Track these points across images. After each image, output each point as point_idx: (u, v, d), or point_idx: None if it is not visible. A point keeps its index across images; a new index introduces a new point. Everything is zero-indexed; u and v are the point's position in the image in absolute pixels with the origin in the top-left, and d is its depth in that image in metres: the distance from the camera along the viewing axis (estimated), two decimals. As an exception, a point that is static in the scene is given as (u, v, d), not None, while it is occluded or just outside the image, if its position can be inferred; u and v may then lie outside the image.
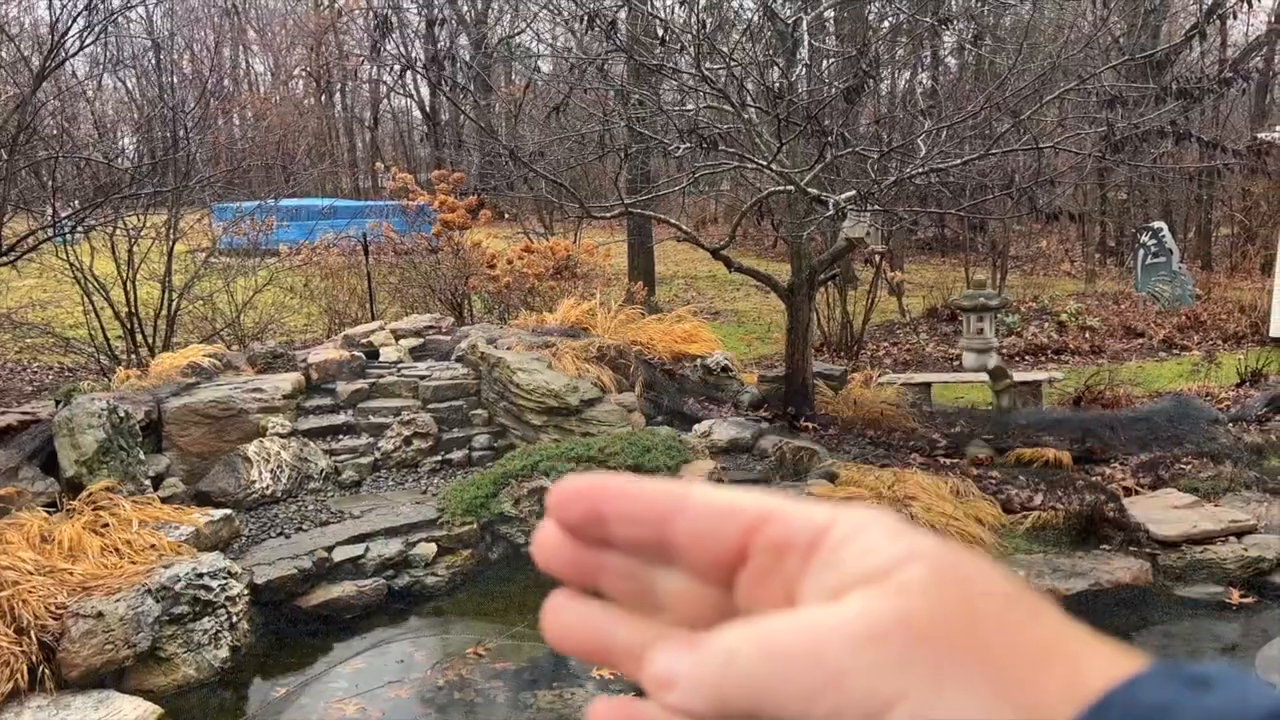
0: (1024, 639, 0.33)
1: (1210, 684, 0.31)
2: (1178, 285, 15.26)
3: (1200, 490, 7.05)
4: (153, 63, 24.05)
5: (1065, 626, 0.34)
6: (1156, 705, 0.31)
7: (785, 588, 0.34)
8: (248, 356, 8.50)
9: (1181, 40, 6.46)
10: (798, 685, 0.32)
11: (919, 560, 0.33)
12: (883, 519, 0.34)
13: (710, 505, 0.36)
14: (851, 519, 0.34)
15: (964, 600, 0.33)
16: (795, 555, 0.34)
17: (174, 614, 5.06)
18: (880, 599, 0.33)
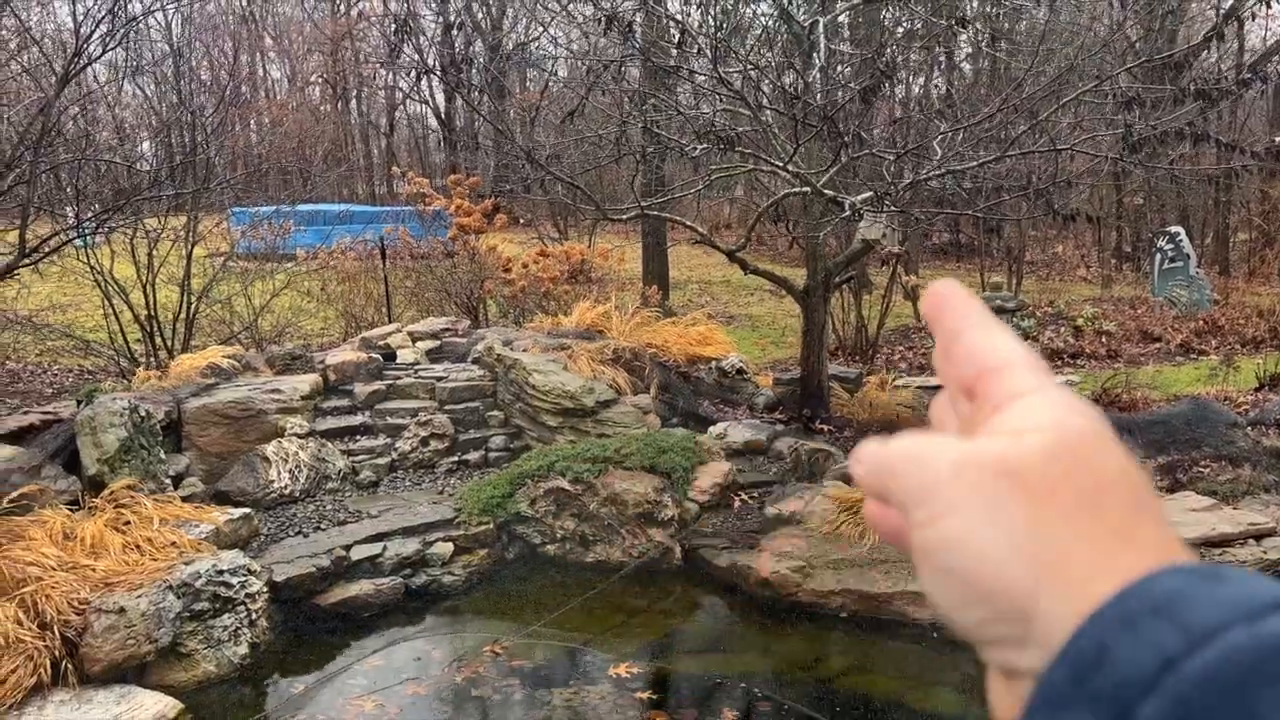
0: (1094, 520, 0.37)
1: (1222, 578, 0.34)
2: (1195, 290, 15.18)
3: (1219, 493, 7.01)
4: (172, 69, 24.23)
5: (1148, 526, 0.37)
6: (1171, 591, 0.33)
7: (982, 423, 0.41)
8: (266, 358, 8.57)
9: (1200, 42, 6.45)
10: (909, 480, 0.40)
11: (1055, 430, 0.39)
12: (1064, 397, 0.40)
13: (971, 343, 0.44)
14: (1041, 392, 0.40)
15: (1065, 468, 0.37)
16: (990, 405, 0.41)
17: (195, 610, 5.11)
18: (1000, 442, 0.39)
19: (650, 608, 6.26)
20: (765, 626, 5.97)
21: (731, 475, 7.31)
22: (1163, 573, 0.34)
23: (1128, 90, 6.57)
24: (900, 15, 10.74)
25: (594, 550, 6.71)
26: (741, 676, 5.38)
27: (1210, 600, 0.33)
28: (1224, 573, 0.34)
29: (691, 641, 5.98)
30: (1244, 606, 0.32)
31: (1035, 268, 20.83)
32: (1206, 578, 0.34)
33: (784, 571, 6.13)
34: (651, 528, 6.70)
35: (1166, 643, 0.32)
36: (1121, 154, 6.18)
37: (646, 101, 7.19)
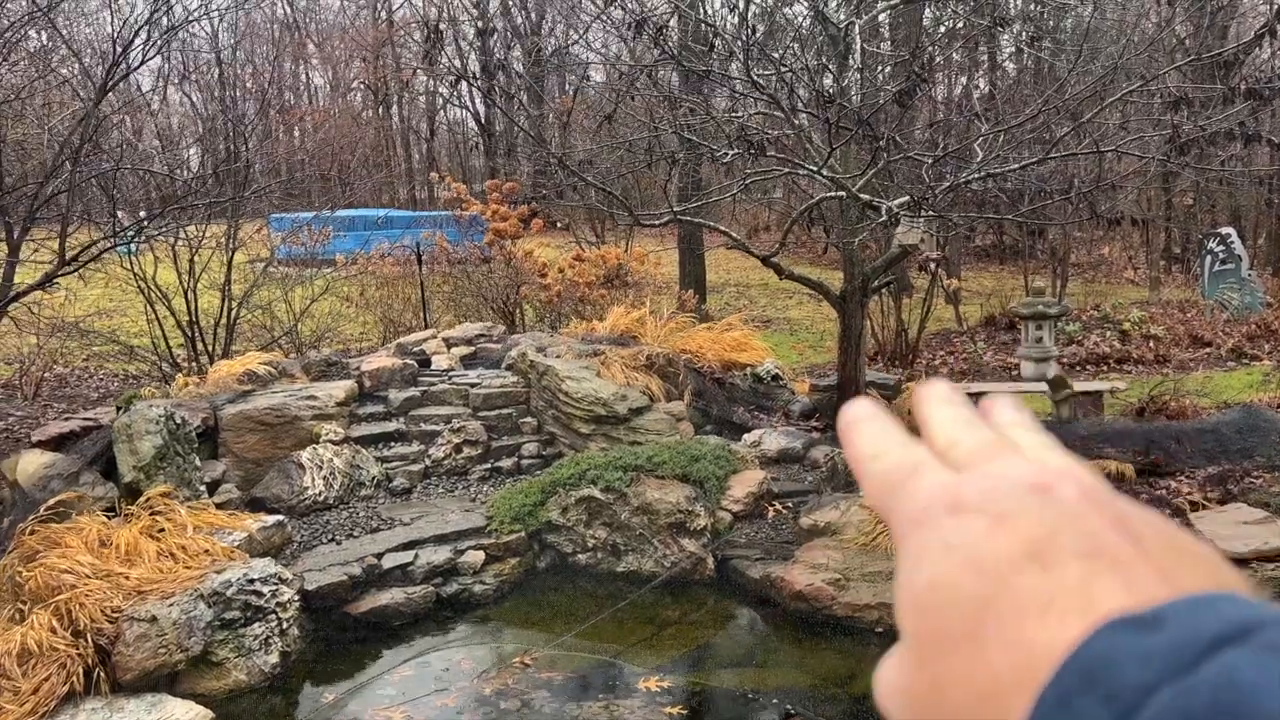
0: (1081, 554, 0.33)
1: (1159, 623, 0.29)
2: (1247, 293, 14.77)
3: (1272, 505, 6.77)
4: (216, 76, 24.63)
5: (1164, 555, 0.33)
6: (1100, 655, 0.30)
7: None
8: (302, 364, 8.62)
9: (1251, 39, 6.23)
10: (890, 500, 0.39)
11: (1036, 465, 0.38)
12: (1024, 472, 0.37)
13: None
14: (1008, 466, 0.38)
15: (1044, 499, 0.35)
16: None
17: (226, 619, 5.12)
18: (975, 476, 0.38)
19: (682, 619, 6.19)
20: (799, 640, 5.87)
21: (765, 484, 7.21)
22: (1099, 632, 0.30)
23: (1176, 90, 6.38)
24: (940, 15, 10.57)
25: (625, 560, 6.64)
26: (775, 691, 5.29)
27: (1139, 658, 0.29)
28: (1164, 614, 0.29)
29: (724, 655, 5.89)
30: (1174, 658, 0.28)
31: (1081, 270, 20.41)
32: (1142, 628, 0.29)
33: (819, 584, 6.01)
34: (684, 538, 6.62)
35: (1094, 717, 0.28)
36: (1169, 155, 5.99)
37: (679, 106, 7.12)
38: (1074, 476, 0.36)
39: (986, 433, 0.40)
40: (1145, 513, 0.35)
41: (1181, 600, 0.30)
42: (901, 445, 0.41)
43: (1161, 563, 0.33)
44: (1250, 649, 0.28)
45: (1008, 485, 0.36)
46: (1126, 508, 0.35)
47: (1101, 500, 0.35)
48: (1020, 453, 0.39)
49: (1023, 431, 0.41)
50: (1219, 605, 0.30)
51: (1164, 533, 0.34)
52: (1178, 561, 0.33)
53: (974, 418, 0.42)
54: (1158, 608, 0.30)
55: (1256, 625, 0.28)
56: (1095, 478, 0.37)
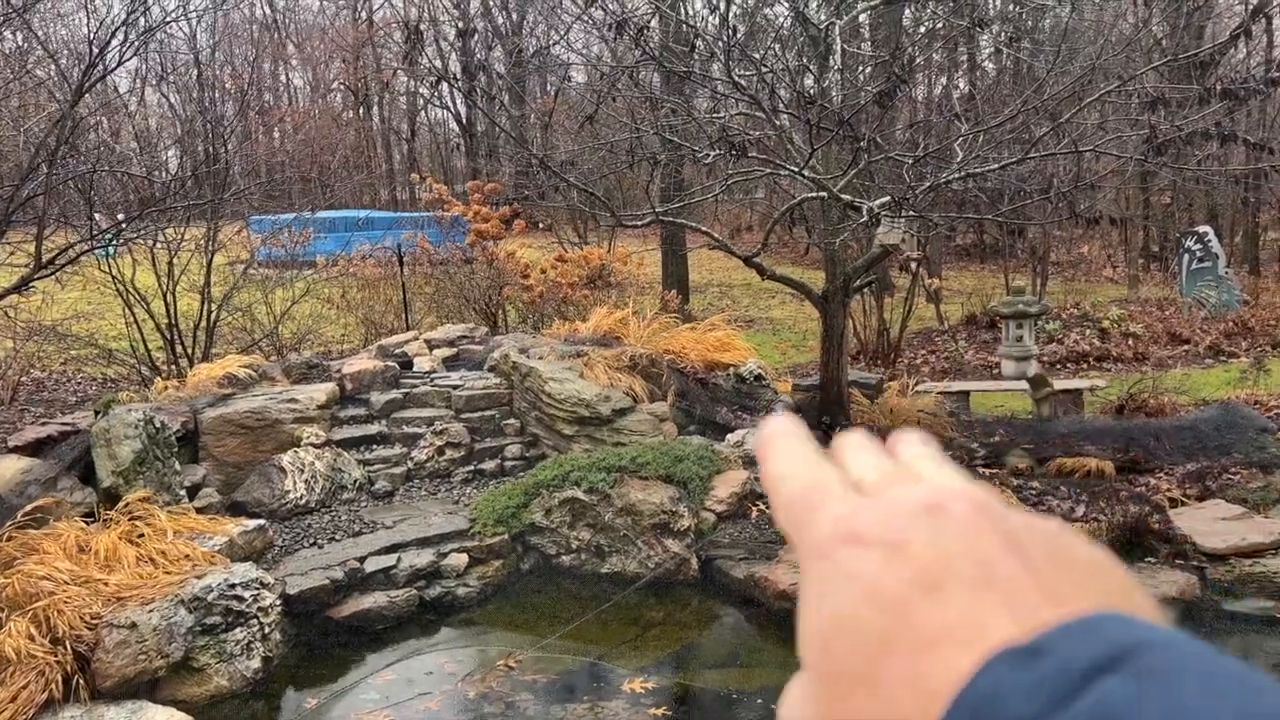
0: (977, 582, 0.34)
1: (1042, 652, 0.30)
2: (1224, 290, 14.91)
3: (1249, 501, 6.85)
4: (194, 77, 24.44)
5: (1056, 579, 0.33)
6: (984, 692, 0.30)
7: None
8: (283, 367, 8.57)
9: (1226, 40, 6.29)
10: (796, 527, 0.39)
11: (930, 490, 0.38)
12: (919, 495, 0.38)
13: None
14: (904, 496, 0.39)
15: (942, 524, 0.36)
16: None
17: (206, 624, 5.08)
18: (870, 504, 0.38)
19: (666, 620, 6.19)
20: (783, 640, 5.87)
21: (749, 484, 7.21)
22: (986, 666, 0.30)
23: (1153, 90, 6.43)
24: (920, 15, 10.63)
25: (609, 561, 6.64)
26: (759, 691, 5.29)
27: (1023, 692, 0.29)
28: (1045, 643, 0.30)
29: (708, 655, 5.89)
30: (1054, 690, 0.28)
31: (1061, 268, 20.57)
32: (1024, 659, 0.30)
33: (802, 583, 6.03)
34: (667, 538, 6.62)
35: None
36: (1146, 155, 6.04)
37: (660, 107, 7.12)
38: (965, 495, 0.37)
39: (892, 465, 0.41)
40: (1036, 525, 0.36)
41: (1063, 626, 0.30)
42: (811, 467, 0.41)
43: (1050, 581, 0.33)
44: (1126, 675, 0.28)
45: (903, 511, 0.36)
46: (1018, 524, 0.35)
47: (993, 518, 0.35)
48: (918, 478, 0.40)
49: (926, 460, 0.41)
50: (1099, 628, 0.30)
51: (1054, 546, 0.35)
52: (1067, 577, 0.33)
53: (884, 457, 0.42)
54: (1040, 637, 0.30)
55: (1134, 649, 0.29)
56: (988, 496, 0.37)
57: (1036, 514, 0.37)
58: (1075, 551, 0.35)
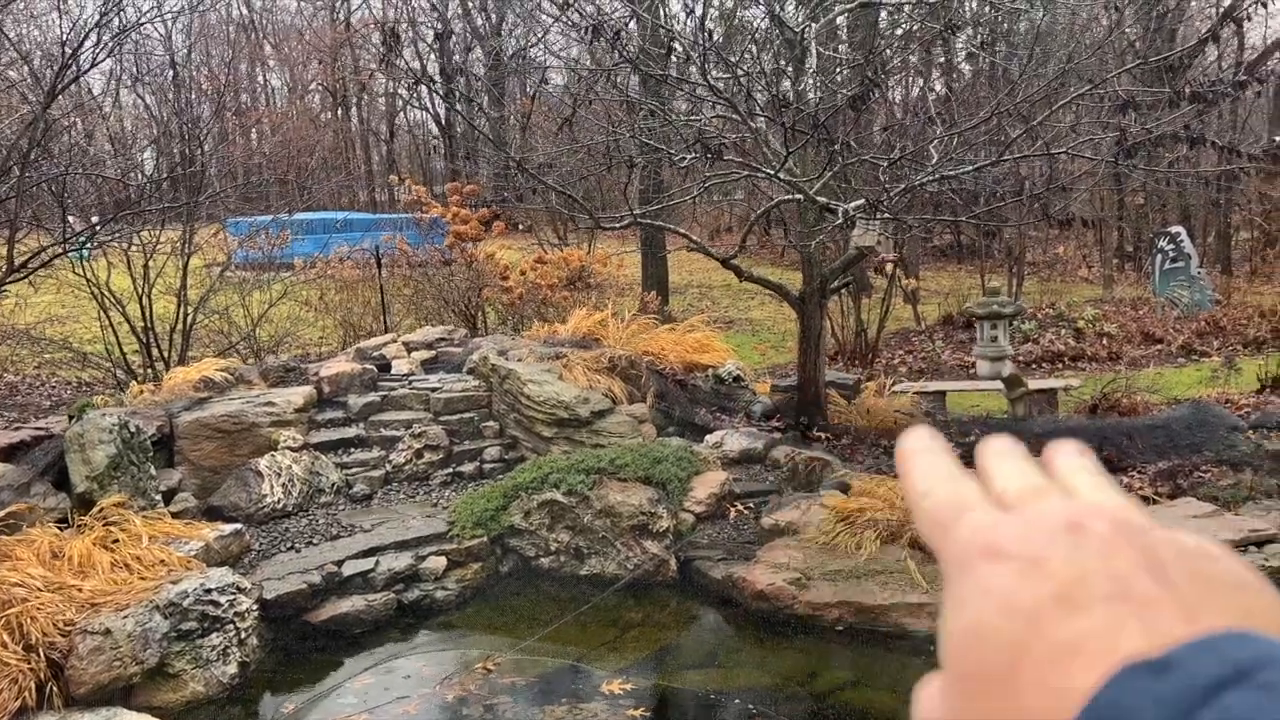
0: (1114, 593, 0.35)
1: (1169, 667, 0.31)
2: (1196, 290, 15.09)
3: (1220, 499, 6.93)
4: (170, 78, 24.25)
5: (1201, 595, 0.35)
6: (1112, 702, 0.31)
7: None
8: (260, 370, 8.53)
9: (1194, 44, 6.38)
10: (938, 540, 0.41)
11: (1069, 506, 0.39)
12: (1060, 512, 0.39)
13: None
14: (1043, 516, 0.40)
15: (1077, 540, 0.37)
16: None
17: (182, 630, 5.06)
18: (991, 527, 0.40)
19: (645, 621, 6.21)
20: (761, 640, 5.91)
21: (728, 485, 7.25)
22: (1116, 678, 0.32)
23: (1124, 93, 6.51)
24: (896, 19, 10.70)
25: (588, 563, 6.65)
26: (737, 692, 5.32)
27: (1149, 703, 0.30)
28: (1173, 658, 0.31)
29: (686, 656, 5.92)
30: (1179, 702, 0.30)
31: (1037, 268, 20.74)
32: (1153, 672, 0.31)
33: (780, 583, 6.06)
34: (646, 540, 6.64)
35: None
36: (1117, 157, 6.12)
37: (637, 109, 7.14)
38: (1107, 513, 0.38)
39: (1037, 477, 0.42)
40: (1181, 542, 0.37)
41: (1191, 643, 0.32)
42: (951, 481, 0.42)
43: (1187, 599, 0.34)
44: (1247, 690, 0.29)
45: (1043, 527, 0.38)
46: (1159, 540, 0.37)
47: (1133, 535, 0.37)
48: (1065, 493, 0.41)
49: (1081, 473, 0.42)
50: (1225, 646, 0.31)
51: (1195, 563, 0.36)
52: (1205, 595, 0.34)
53: (1030, 465, 0.43)
54: (1169, 652, 0.32)
55: (1256, 666, 0.30)
56: (1132, 511, 0.39)
57: (1185, 531, 0.38)
58: (1219, 569, 0.36)
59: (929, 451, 0.44)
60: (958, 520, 0.40)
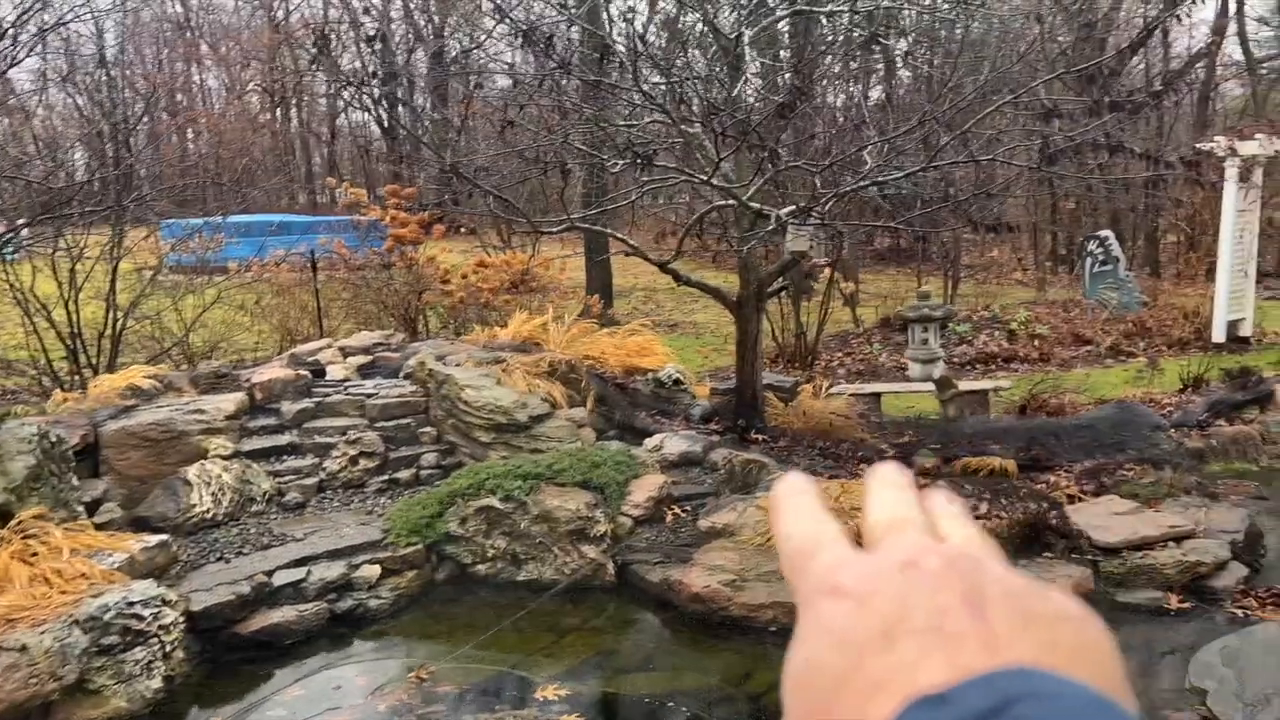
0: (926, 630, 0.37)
1: (948, 700, 0.33)
2: (1124, 292, 15.51)
3: (1141, 496, 7.14)
4: (101, 77, 23.66)
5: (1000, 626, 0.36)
6: None
7: None
8: (190, 377, 8.36)
9: (1114, 55, 6.57)
10: (794, 579, 0.43)
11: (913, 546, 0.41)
12: (901, 550, 0.41)
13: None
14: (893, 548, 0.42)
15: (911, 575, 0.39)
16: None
17: (103, 645, 4.94)
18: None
19: (582, 626, 6.20)
20: (697, 642, 5.94)
21: (666, 488, 7.28)
22: (905, 711, 0.34)
23: (1048, 101, 6.68)
24: (835, 25, 10.83)
25: (525, 569, 6.63)
26: (673, 694, 5.34)
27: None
28: (954, 693, 0.33)
29: (622, 660, 5.92)
30: None
31: (973, 271, 21.14)
32: (933, 706, 0.33)
33: (715, 585, 6.11)
34: (584, 544, 6.64)
35: None
36: (1040, 164, 6.27)
37: (570, 114, 7.15)
38: (943, 550, 0.40)
39: (907, 509, 0.44)
40: (1010, 580, 0.38)
41: (975, 679, 0.34)
42: (812, 524, 0.44)
43: (997, 634, 0.36)
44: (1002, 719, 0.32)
45: (881, 565, 0.40)
46: (989, 578, 0.38)
47: (963, 572, 0.38)
48: (924, 528, 0.43)
49: (949, 519, 0.45)
50: (1002, 681, 0.33)
51: (1019, 601, 0.37)
52: (1017, 631, 0.36)
53: (906, 495, 0.45)
54: (952, 687, 0.33)
55: (1016, 699, 0.32)
56: (975, 553, 0.40)
57: (1023, 574, 0.39)
58: (1042, 607, 0.37)
59: (798, 495, 0.46)
60: (811, 560, 0.42)
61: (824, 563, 0.41)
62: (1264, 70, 26.29)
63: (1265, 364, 11.02)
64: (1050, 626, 0.37)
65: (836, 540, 0.43)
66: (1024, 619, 0.37)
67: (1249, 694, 4.84)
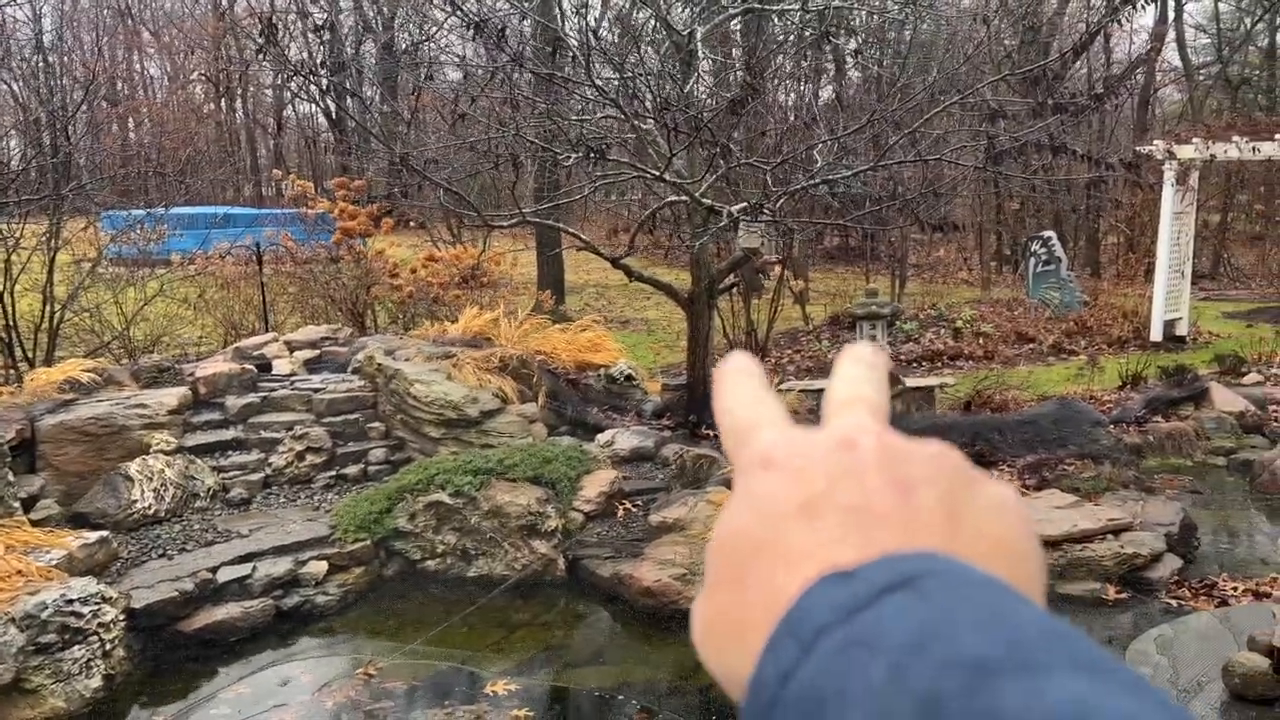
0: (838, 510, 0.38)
1: (850, 579, 0.34)
2: (1066, 292, 15.85)
3: (1081, 490, 7.32)
4: (41, 63, 23.01)
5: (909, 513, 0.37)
6: (803, 604, 0.34)
7: None
8: (131, 371, 8.18)
9: (1056, 58, 6.72)
10: (733, 452, 0.44)
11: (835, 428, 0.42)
12: (839, 429, 0.42)
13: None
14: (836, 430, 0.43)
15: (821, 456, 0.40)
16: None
17: (40, 643, 4.82)
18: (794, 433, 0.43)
19: (532, 621, 6.19)
20: (647, 636, 5.97)
21: (617, 484, 7.29)
22: (815, 584, 0.35)
23: (993, 102, 6.80)
24: (787, 24, 10.92)
25: (476, 564, 6.60)
26: (623, 688, 5.36)
27: (826, 604, 0.34)
28: (861, 570, 0.34)
29: (573, 654, 5.93)
30: (849, 604, 0.33)
31: (920, 270, 21.45)
32: (841, 581, 0.34)
33: (666, 579, 6.13)
34: (535, 540, 6.62)
35: (786, 658, 0.33)
36: (985, 164, 6.39)
37: (521, 108, 7.12)
38: (880, 433, 0.40)
39: (859, 390, 0.45)
40: (943, 470, 0.39)
41: (880, 558, 0.35)
42: (755, 402, 0.45)
43: (918, 522, 0.37)
44: (903, 594, 0.33)
45: (819, 442, 0.40)
46: (922, 466, 0.39)
47: (898, 457, 0.39)
48: (863, 410, 0.43)
49: (864, 384, 0.45)
50: (903, 561, 0.34)
51: (948, 491, 0.38)
52: (940, 522, 0.37)
53: (874, 375, 0.46)
54: (861, 564, 0.35)
55: (918, 576, 0.34)
56: (905, 438, 0.41)
57: (961, 458, 0.40)
58: (973, 500, 0.38)
59: (742, 374, 0.47)
60: (751, 435, 0.43)
61: (763, 438, 0.42)
62: (1201, 76, 27.06)
63: (1200, 362, 11.35)
64: (976, 519, 0.38)
65: (777, 418, 0.44)
66: (950, 508, 0.37)
67: (1183, 680, 5.00)
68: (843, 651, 0.32)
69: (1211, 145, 12.65)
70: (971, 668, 0.31)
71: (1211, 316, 16.20)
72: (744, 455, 0.42)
